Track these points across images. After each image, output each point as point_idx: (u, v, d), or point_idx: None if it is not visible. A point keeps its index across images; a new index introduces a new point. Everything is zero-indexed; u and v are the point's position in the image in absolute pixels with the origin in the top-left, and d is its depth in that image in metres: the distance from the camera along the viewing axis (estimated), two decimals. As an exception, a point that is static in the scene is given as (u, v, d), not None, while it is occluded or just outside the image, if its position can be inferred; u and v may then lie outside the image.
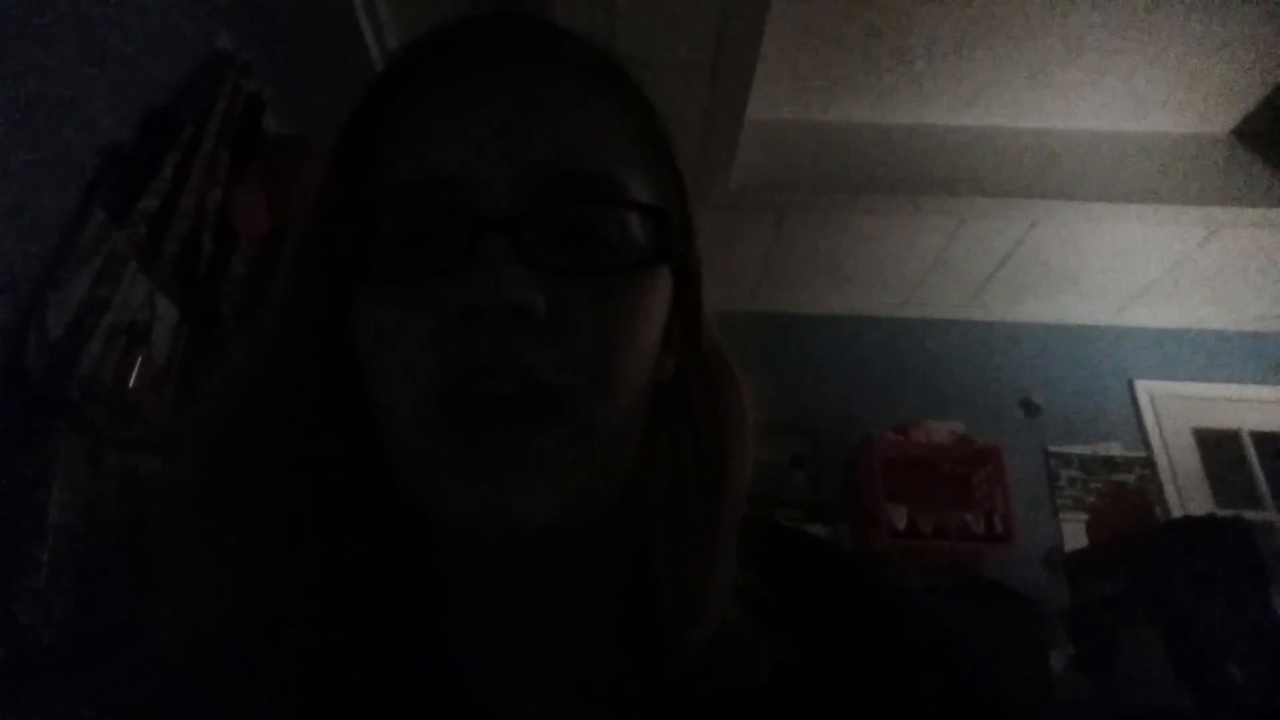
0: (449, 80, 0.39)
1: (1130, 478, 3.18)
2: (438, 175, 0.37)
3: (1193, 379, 3.39)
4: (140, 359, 1.31)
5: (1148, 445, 3.26)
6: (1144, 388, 3.38)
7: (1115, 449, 3.25)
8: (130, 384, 1.28)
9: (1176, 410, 3.33)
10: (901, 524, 2.91)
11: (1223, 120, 2.76)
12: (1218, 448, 3.29)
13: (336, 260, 0.38)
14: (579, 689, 0.40)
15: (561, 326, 0.35)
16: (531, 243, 0.35)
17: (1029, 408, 3.36)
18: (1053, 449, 3.26)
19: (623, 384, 0.37)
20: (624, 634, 0.41)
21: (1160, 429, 3.29)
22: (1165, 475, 3.19)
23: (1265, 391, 3.33)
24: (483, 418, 0.34)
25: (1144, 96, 2.65)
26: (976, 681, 0.42)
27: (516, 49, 0.40)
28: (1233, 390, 3.35)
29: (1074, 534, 2.96)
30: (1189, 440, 3.28)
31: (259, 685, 0.36)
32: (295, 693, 0.36)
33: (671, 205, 0.42)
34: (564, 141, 0.38)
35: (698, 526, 0.40)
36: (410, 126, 0.38)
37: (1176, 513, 2.96)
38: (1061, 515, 3.11)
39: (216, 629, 0.37)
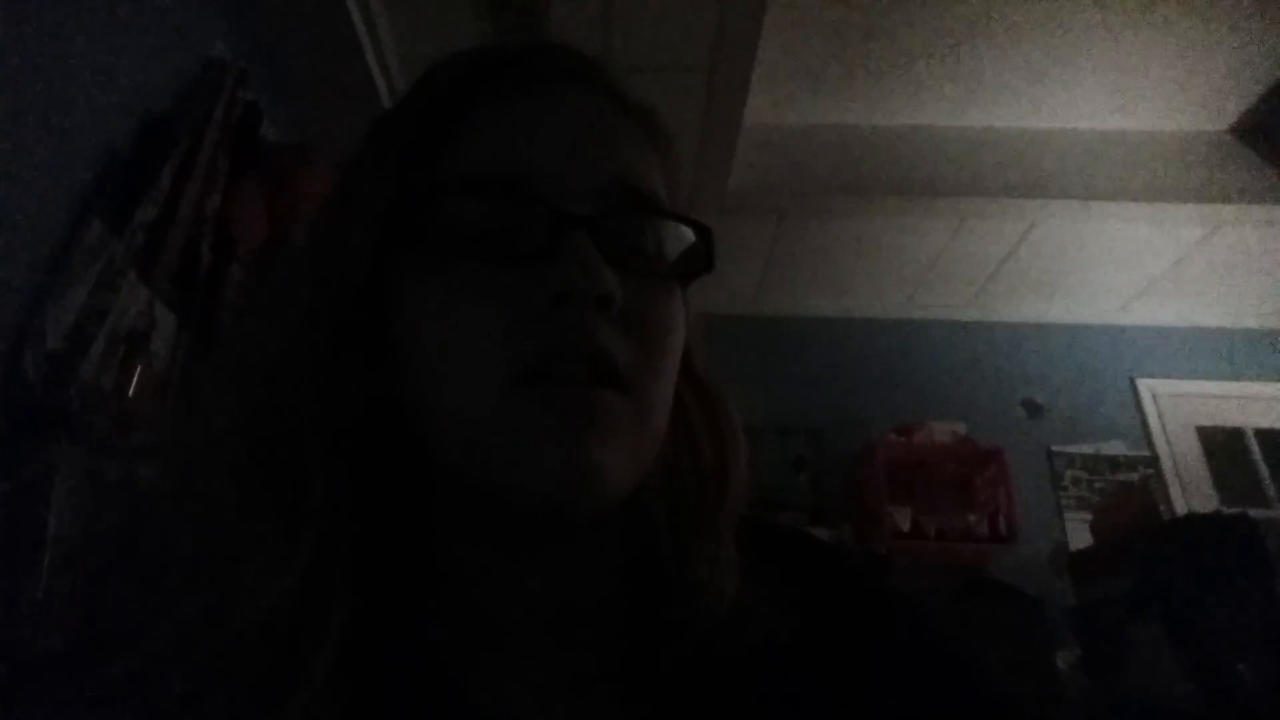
0: (525, 91, 0.42)
1: (1134, 477, 3.17)
2: (522, 172, 0.39)
3: (1195, 377, 3.39)
4: (140, 368, 1.30)
5: (1151, 444, 3.25)
6: (1146, 386, 3.37)
7: (1119, 448, 3.25)
8: (130, 393, 1.28)
9: (1180, 408, 3.32)
10: (905, 526, 2.90)
11: (1221, 117, 2.76)
12: (1222, 446, 3.28)
13: (389, 238, 0.40)
14: (573, 683, 0.41)
15: (630, 319, 0.38)
16: (606, 243, 0.38)
17: (1031, 408, 3.35)
18: (1056, 449, 3.25)
19: (668, 380, 0.41)
20: (623, 622, 0.42)
21: (1164, 427, 3.28)
22: (1169, 474, 3.17)
23: (1270, 389, 3.33)
24: (564, 387, 0.37)
25: (1142, 95, 2.66)
26: (956, 657, 0.44)
27: (576, 75, 0.44)
28: (1236, 388, 3.35)
29: (1079, 534, 2.95)
30: (1193, 438, 3.27)
31: (302, 679, 0.35)
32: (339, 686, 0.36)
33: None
34: (627, 160, 0.42)
35: (700, 518, 0.43)
36: (491, 126, 0.41)
37: (1181, 512, 2.95)
38: (1066, 515, 3.10)
39: (257, 621, 0.36)
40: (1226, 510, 2.54)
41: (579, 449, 0.36)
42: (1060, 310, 3.49)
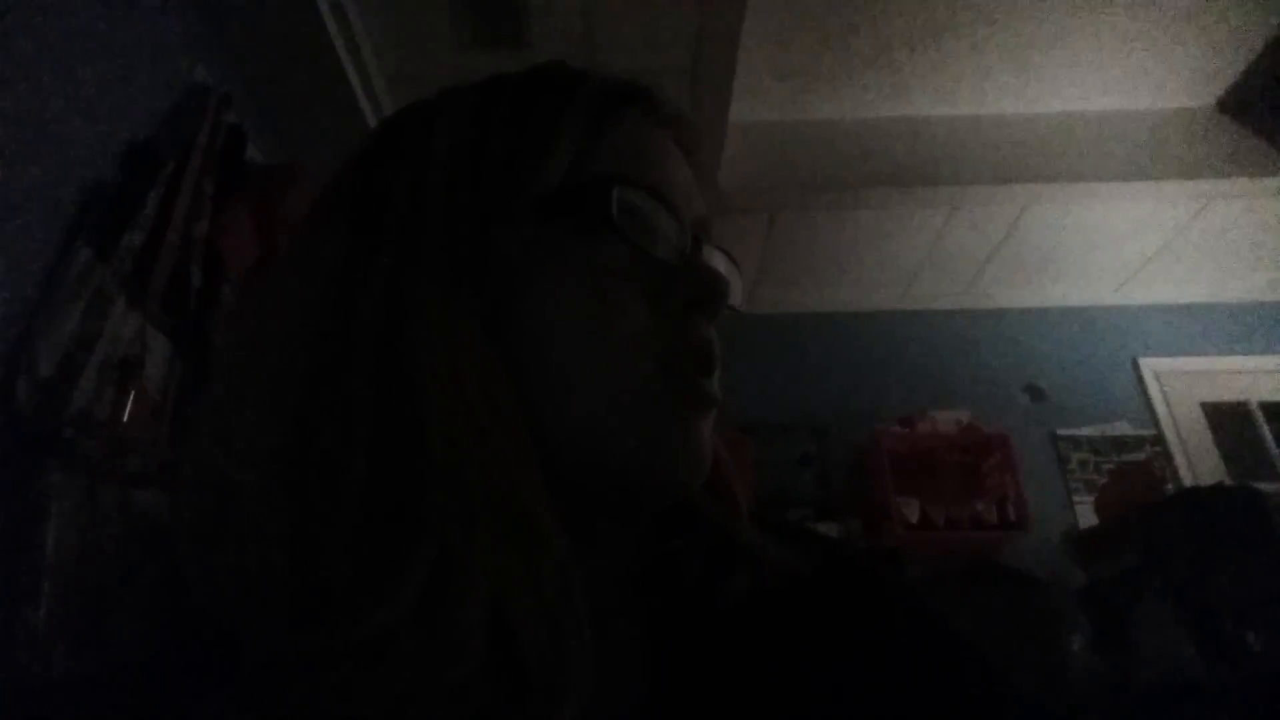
0: (652, 122, 0.47)
1: (1141, 457, 3.15)
2: (660, 187, 0.44)
3: (1197, 353, 3.38)
4: (133, 393, 1.31)
5: (1156, 422, 3.24)
6: (1149, 365, 3.36)
7: (1124, 428, 3.23)
8: (124, 418, 1.28)
9: (1183, 385, 3.31)
10: (914, 517, 2.89)
11: (1206, 93, 2.76)
12: (1227, 420, 3.26)
13: (519, 214, 0.41)
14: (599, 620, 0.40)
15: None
16: None
17: (1034, 393, 3.35)
18: (1061, 432, 3.24)
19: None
20: (647, 582, 0.44)
21: (1168, 405, 3.27)
22: (1176, 451, 3.16)
23: (1272, 361, 3.31)
24: (695, 381, 0.41)
25: (1125, 74, 2.66)
26: (961, 650, 0.44)
27: (679, 125, 0.49)
28: (1238, 362, 3.33)
29: (1088, 516, 2.94)
30: (1197, 415, 3.26)
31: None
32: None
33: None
34: (699, 204, 0.48)
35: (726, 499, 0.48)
36: (634, 142, 0.45)
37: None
38: (1074, 498, 3.09)
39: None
40: (1230, 483, 2.52)
41: (699, 437, 0.41)
42: (1058, 294, 3.48)
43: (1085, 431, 3.24)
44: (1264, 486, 2.37)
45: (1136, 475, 2.63)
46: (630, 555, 0.45)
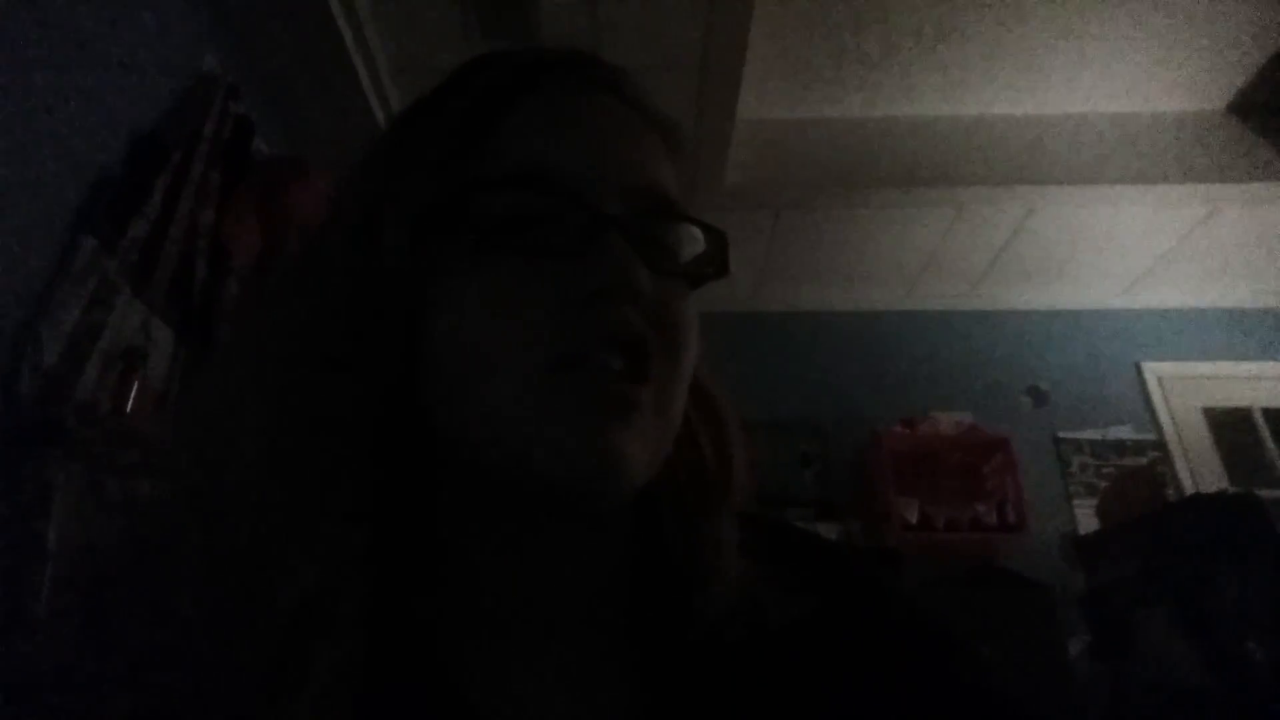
0: (561, 95, 0.44)
1: (1142, 461, 3.15)
2: (558, 170, 0.40)
3: (1200, 358, 3.37)
4: (136, 383, 1.31)
5: (1158, 427, 3.23)
6: (1151, 369, 3.35)
7: (1125, 433, 3.23)
8: (127, 408, 1.28)
9: (1185, 391, 3.30)
10: (914, 518, 2.89)
11: (1217, 96, 2.74)
12: (1229, 426, 3.26)
13: (423, 231, 0.40)
14: (575, 672, 0.41)
15: (655, 316, 0.40)
16: (637, 241, 0.40)
17: (1036, 395, 3.34)
18: (1062, 435, 3.24)
19: (686, 377, 0.43)
20: (630, 613, 0.43)
21: (1170, 410, 3.26)
22: (1177, 457, 3.16)
23: (1275, 368, 3.31)
24: (597, 377, 0.38)
25: (1135, 76, 2.64)
26: (960, 658, 0.44)
27: (608, 84, 0.46)
28: (1241, 368, 3.33)
29: (1088, 520, 2.93)
30: (1199, 420, 3.25)
31: (312, 675, 0.35)
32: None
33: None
34: (649, 164, 0.44)
35: (704, 508, 0.45)
36: (528, 126, 0.42)
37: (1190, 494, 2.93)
38: (1074, 502, 3.09)
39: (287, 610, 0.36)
40: (1232, 489, 2.52)
41: (606, 438, 0.37)
42: (1062, 296, 3.47)
43: (1086, 435, 3.23)
44: (1265, 493, 2.36)
45: (1138, 480, 2.62)
46: (604, 562, 0.44)
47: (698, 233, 0.44)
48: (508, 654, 0.42)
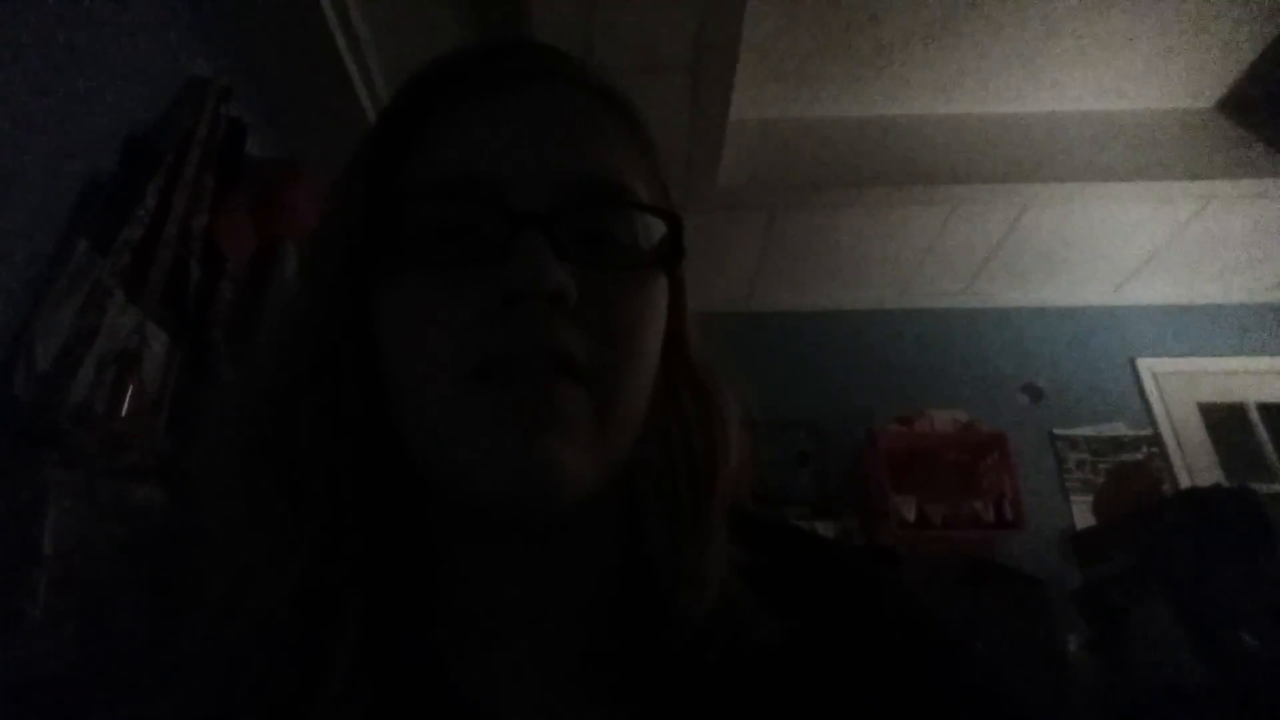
0: (486, 92, 0.42)
1: (1138, 457, 3.16)
2: (477, 174, 0.39)
3: (1195, 354, 3.38)
4: (131, 387, 1.30)
5: (1153, 423, 3.24)
6: (1146, 365, 3.36)
7: (1121, 429, 3.24)
8: (122, 412, 1.28)
9: (1180, 386, 3.31)
10: (911, 515, 2.89)
11: (1207, 94, 2.76)
12: (1224, 422, 3.27)
13: (364, 249, 0.40)
14: (565, 678, 0.41)
15: (589, 314, 0.38)
16: (562, 239, 0.38)
17: (1032, 392, 3.35)
18: (1058, 432, 3.25)
19: (637, 369, 0.41)
20: (618, 618, 0.42)
21: (1165, 406, 3.27)
22: (1173, 452, 3.17)
23: (1269, 362, 3.32)
24: (519, 383, 0.37)
25: (1125, 75, 2.66)
26: (957, 656, 0.44)
27: (543, 72, 0.44)
28: (1236, 363, 3.34)
29: (1085, 516, 2.95)
30: (1194, 415, 3.27)
31: (318, 681, 0.36)
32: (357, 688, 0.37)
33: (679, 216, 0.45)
34: (588, 152, 0.41)
35: (691, 509, 0.43)
36: (448, 130, 0.41)
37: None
38: (1071, 498, 3.10)
39: (262, 626, 0.37)
40: (1227, 484, 2.53)
41: (532, 445, 0.36)
42: (1056, 293, 3.48)
43: (1083, 431, 3.24)
44: (1260, 488, 2.37)
45: (1134, 475, 2.63)
46: (589, 567, 0.44)
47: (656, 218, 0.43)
48: (501, 658, 0.42)
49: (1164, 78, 2.67)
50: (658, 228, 0.43)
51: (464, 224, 0.39)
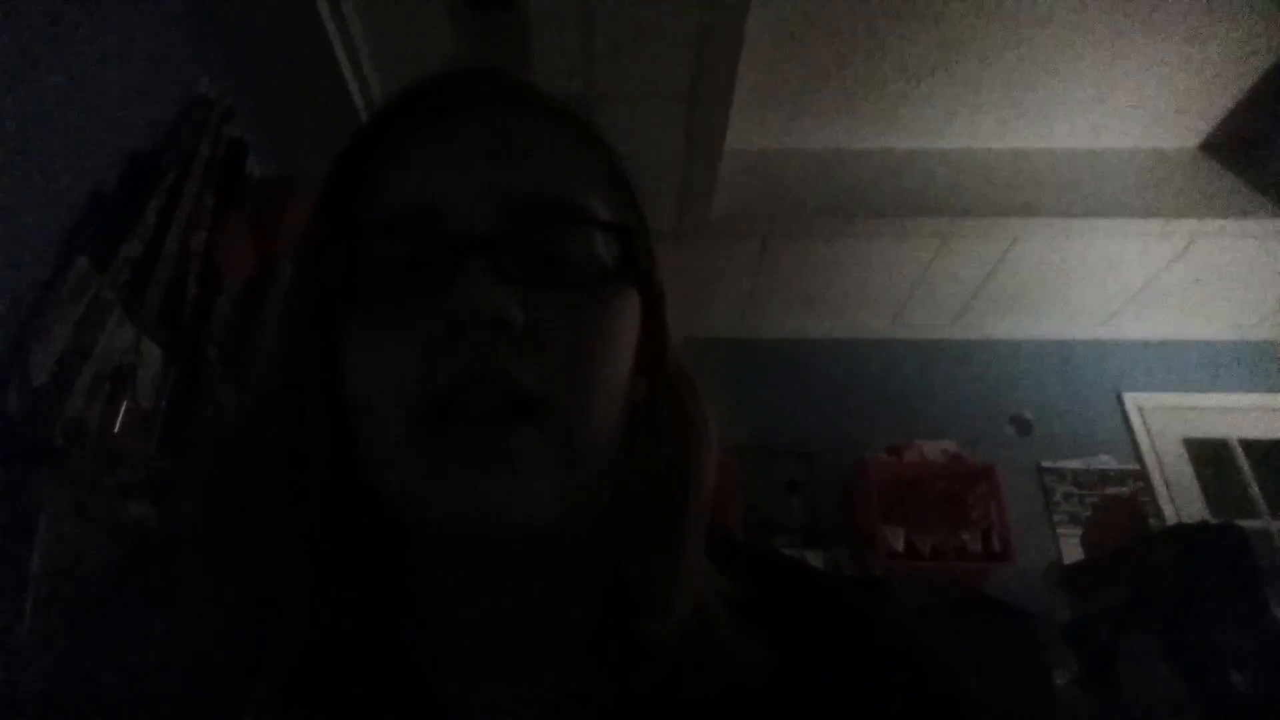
0: (429, 121, 0.42)
1: (1124, 490, 3.18)
2: (421, 204, 0.39)
3: (1180, 389, 3.41)
4: (125, 404, 1.30)
5: (1140, 457, 3.26)
6: (1133, 400, 3.39)
7: (1108, 462, 3.26)
8: (115, 429, 1.27)
9: (1166, 421, 3.34)
10: (899, 546, 2.89)
11: (1190, 135, 2.81)
12: (1209, 457, 3.30)
13: (325, 289, 0.40)
14: (544, 708, 0.41)
15: (538, 338, 0.37)
16: (509, 262, 0.37)
17: (1020, 424, 3.37)
18: (1046, 465, 3.27)
19: (597, 392, 0.39)
20: (598, 646, 0.42)
21: (1151, 440, 3.30)
22: (1159, 486, 3.19)
23: (1253, 399, 3.36)
24: (464, 424, 0.36)
25: (1113, 114, 2.71)
26: (945, 690, 0.43)
27: (489, 95, 0.43)
28: (1221, 399, 3.37)
29: (1072, 549, 2.95)
30: (1180, 451, 3.29)
31: (249, 695, 0.37)
32: (282, 704, 0.37)
33: (633, 228, 0.44)
34: (533, 170, 0.40)
35: (665, 532, 0.42)
36: (395, 163, 0.41)
37: (1172, 524, 2.95)
38: (1058, 530, 3.11)
39: (212, 641, 0.38)
40: (1213, 520, 2.55)
41: (482, 487, 0.35)
42: (1045, 327, 3.51)
43: (1070, 464, 3.26)
44: (1245, 523, 2.39)
45: (1120, 510, 2.65)
46: (567, 595, 0.43)
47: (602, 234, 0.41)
48: (481, 685, 0.42)
49: (1149, 118, 2.73)
50: (619, 242, 0.42)
51: (414, 255, 0.39)
